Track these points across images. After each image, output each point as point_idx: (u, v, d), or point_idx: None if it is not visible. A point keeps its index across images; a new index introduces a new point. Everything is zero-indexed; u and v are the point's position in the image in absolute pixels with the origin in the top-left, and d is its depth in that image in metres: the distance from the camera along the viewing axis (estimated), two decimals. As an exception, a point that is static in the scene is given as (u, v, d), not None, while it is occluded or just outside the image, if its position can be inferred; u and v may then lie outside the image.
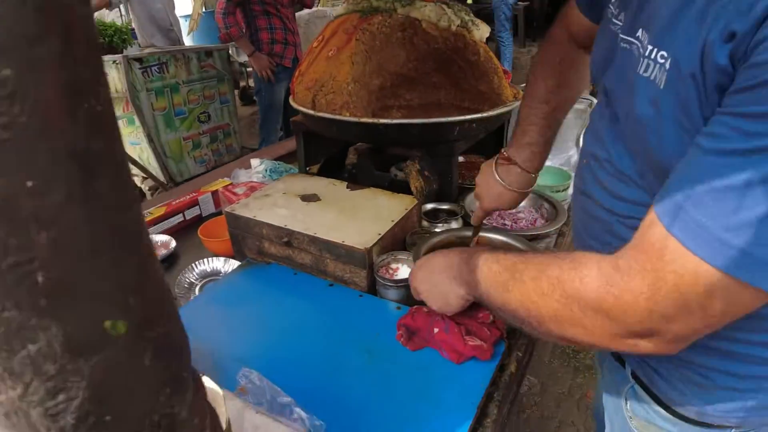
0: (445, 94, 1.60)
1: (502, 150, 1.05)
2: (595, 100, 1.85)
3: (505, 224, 1.36)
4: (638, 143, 0.62)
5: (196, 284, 1.26)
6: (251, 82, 5.87)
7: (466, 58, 1.47)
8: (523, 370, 0.97)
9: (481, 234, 1.13)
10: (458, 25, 1.45)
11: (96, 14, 4.15)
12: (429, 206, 1.33)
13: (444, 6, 1.45)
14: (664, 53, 0.54)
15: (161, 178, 3.56)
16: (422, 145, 1.36)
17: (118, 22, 4.13)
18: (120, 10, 4.42)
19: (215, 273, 1.28)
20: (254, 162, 1.89)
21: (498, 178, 1.03)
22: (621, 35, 0.67)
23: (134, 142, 3.70)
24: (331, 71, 1.37)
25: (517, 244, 1.10)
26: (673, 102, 0.53)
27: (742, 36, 0.45)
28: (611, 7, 0.74)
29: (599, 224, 0.74)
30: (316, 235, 1.06)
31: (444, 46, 1.47)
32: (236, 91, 5.68)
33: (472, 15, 1.49)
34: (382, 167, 1.51)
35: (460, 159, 1.75)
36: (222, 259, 1.29)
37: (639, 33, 0.61)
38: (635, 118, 0.60)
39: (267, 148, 2.45)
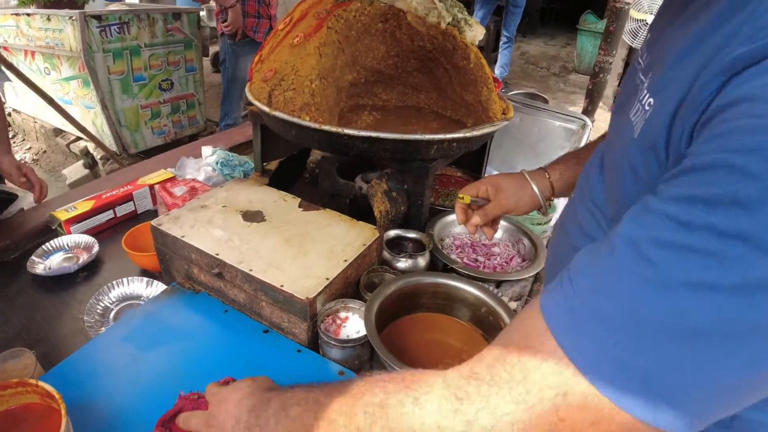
0: (426, 98, 1.41)
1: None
2: (588, 121, 1.69)
3: (477, 260, 1.19)
4: (613, 188, 0.57)
5: (112, 309, 1.05)
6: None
7: (454, 62, 1.27)
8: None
9: (436, 280, 0.97)
10: (449, 23, 1.24)
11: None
12: (392, 233, 1.14)
13: (434, -2, 1.24)
14: (652, 100, 0.49)
15: (114, 147, 3.28)
16: (392, 160, 1.16)
17: None
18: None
19: (135, 297, 1.08)
20: (205, 150, 1.67)
21: (530, 179, 0.96)
22: (639, 75, 0.60)
23: (89, 106, 3.40)
24: (293, 63, 1.15)
25: (485, 298, 0.92)
26: (638, 155, 0.48)
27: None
28: (640, 48, 0.68)
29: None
30: (251, 273, 0.86)
31: (430, 45, 1.27)
32: (208, 58, 5.36)
33: (466, 13, 1.29)
34: (347, 174, 1.32)
35: (436, 172, 1.57)
36: (144, 281, 1.09)
37: (648, 76, 0.56)
38: (613, 159, 0.56)
39: (224, 134, 2.21)
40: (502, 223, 1.28)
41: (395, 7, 1.23)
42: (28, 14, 3.36)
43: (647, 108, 0.49)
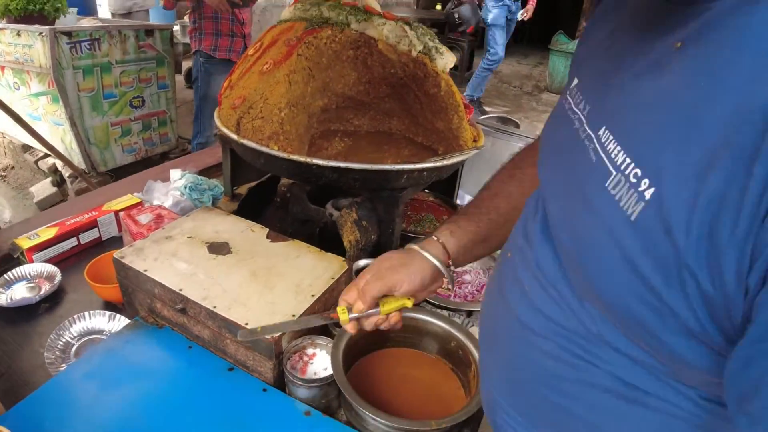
0: (398, 123, 1.41)
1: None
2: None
3: (448, 289, 1.18)
4: (585, 275, 0.45)
5: (73, 344, 1.01)
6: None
7: (425, 89, 1.27)
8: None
9: (407, 313, 0.90)
10: (420, 51, 1.25)
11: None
12: (362, 262, 1.12)
13: (406, 27, 1.24)
14: (638, 172, 0.39)
15: (83, 165, 3.20)
16: (363, 189, 1.16)
17: None
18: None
19: (97, 331, 1.04)
20: (174, 174, 1.63)
21: (417, 248, 0.78)
22: (583, 128, 0.50)
23: (58, 122, 3.32)
24: (263, 91, 1.14)
25: (454, 332, 0.92)
26: (637, 245, 0.38)
27: None
28: (568, 94, 0.58)
29: (517, 347, 0.56)
30: (215, 310, 0.84)
31: (402, 72, 1.27)
32: (180, 75, 5.31)
33: (437, 41, 1.29)
34: (318, 199, 1.30)
35: (409, 196, 1.56)
36: (107, 314, 1.05)
37: (601, 131, 0.46)
38: (581, 240, 0.45)
39: (194, 155, 2.18)
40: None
41: (366, 34, 1.23)
42: (-1, 29, 3.28)
43: (640, 188, 0.39)
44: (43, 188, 3.56)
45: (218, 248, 1.01)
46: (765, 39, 0.33)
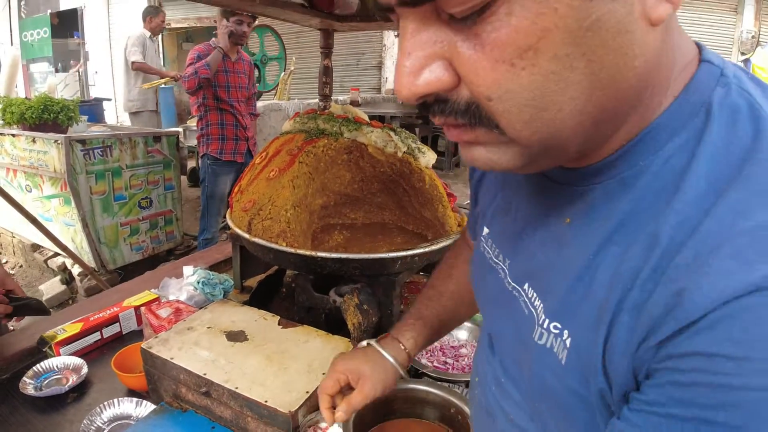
0: (390, 214, 1.57)
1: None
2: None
3: (446, 362, 1.29)
4: (546, 409, 0.52)
5: (104, 429, 1.11)
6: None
7: (412, 183, 1.45)
8: None
9: (407, 386, 1.05)
10: (404, 152, 1.44)
11: (45, 90, 4.06)
12: (365, 343, 1.24)
13: (391, 132, 1.44)
14: (558, 325, 0.47)
15: (92, 264, 3.35)
16: (362, 276, 1.30)
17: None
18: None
19: (125, 417, 1.14)
20: (186, 270, 1.77)
21: (384, 352, 0.88)
22: (508, 279, 0.59)
23: (69, 223, 3.50)
24: (270, 194, 1.32)
25: (452, 399, 1.03)
26: (578, 380, 0.45)
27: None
28: (484, 242, 0.67)
29: None
30: (237, 390, 0.95)
31: (390, 171, 1.46)
32: (184, 176, 5.59)
33: (418, 142, 1.49)
34: (321, 287, 1.44)
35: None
36: (134, 401, 1.15)
37: (525, 286, 0.54)
38: (533, 382, 0.52)
39: (202, 252, 2.33)
40: (467, 324, 1.41)
41: (357, 141, 1.43)
42: (14, 135, 3.52)
43: (564, 337, 0.47)
44: (53, 286, 3.67)
45: (235, 336, 1.13)
46: (634, 221, 0.42)
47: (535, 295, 0.52)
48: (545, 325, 0.49)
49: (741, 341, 0.33)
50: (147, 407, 1.15)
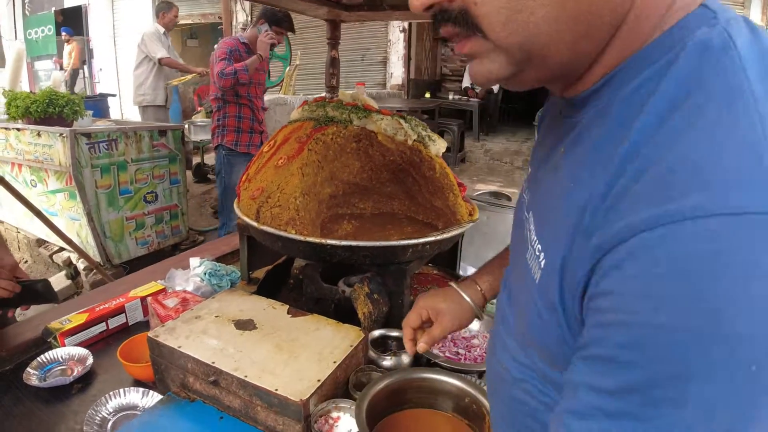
0: (399, 204, 1.55)
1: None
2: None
3: (458, 353, 1.27)
4: (525, 326, 0.57)
5: (109, 419, 1.09)
6: (207, 159, 5.79)
7: (422, 172, 1.42)
8: None
9: (421, 375, 1.04)
10: (415, 140, 1.42)
11: (51, 83, 4.04)
12: (377, 333, 1.22)
13: (401, 120, 1.42)
14: (540, 246, 0.52)
15: (98, 258, 3.33)
16: (373, 265, 1.27)
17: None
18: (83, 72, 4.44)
19: (132, 407, 1.12)
20: (193, 262, 1.76)
21: (462, 292, 0.97)
22: (525, 209, 0.65)
23: (74, 218, 3.49)
24: (279, 182, 1.29)
25: (467, 388, 1.00)
26: (540, 302, 0.50)
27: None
28: (525, 182, 0.73)
29: (505, 391, 0.66)
30: (246, 379, 0.93)
31: (400, 159, 1.43)
32: (189, 171, 5.58)
33: (429, 130, 1.46)
34: (330, 278, 1.41)
35: (413, 270, 1.68)
36: (140, 391, 1.13)
37: (529, 214, 0.60)
38: (520, 297, 0.58)
39: (208, 244, 2.31)
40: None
41: (367, 129, 1.40)
42: (18, 129, 3.50)
43: (540, 258, 0.51)
44: (58, 281, 3.66)
45: (244, 325, 1.11)
46: (601, 148, 0.45)
47: (532, 220, 0.58)
48: (532, 245, 0.54)
49: (641, 277, 0.35)
50: (154, 397, 1.13)
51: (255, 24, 3.40)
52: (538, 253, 0.52)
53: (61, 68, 9.55)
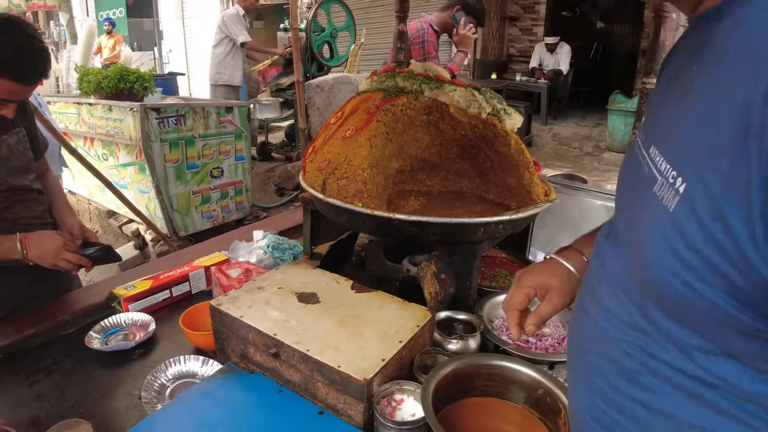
0: (468, 182, 1.46)
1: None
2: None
3: (528, 341, 1.18)
4: (638, 266, 0.53)
5: (168, 386, 1.08)
6: (271, 138, 5.86)
7: (496, 148, 1.33)
8: None
9: (492, 362, 0.97)
10: (489, 113, 1.33)
11: (121, 60, 4.19)
12: (443, 314, 1.16)
13: (475, 92, 1.33)
14: (674, 173, 0.48)
15: (165, 230, 3.44)
16: (441, 243, 1.20)
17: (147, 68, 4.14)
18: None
19: (191, 375, 1.11)
20: (256, 234, 1.75)
21: (567, 264, 0.90)
22: (639, 145, 0.61)
23: (143, 190, 3.62)
24: (346, 153, 1.24)
25: (542, 379, 0.92)
26: (677, 233, 0.45)
27: None
28: (639, 127, 0.69)
29: (596, 348, 0.60)
30: (308, 353, 0.89)
31: (472, 134, 1.34)
32: (254, 148, 5.68)
33: (504, 103, 1.37)
34: (394, 256, 1.36)
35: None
36: (200, 359, 1.12)
37: (651, 149, 0.56)
38: (638, 235, 0.52)
39: (272, 219, 2.31)
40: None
41: (438, 100, 1.32)
42: (90, 104, 3.65)
43: (676, 184, 0.47)
44: (126, 251, 3.82)
45: (307, 298, 1.07)
46: (746, 53, 0.41)
47: (657, 152, 0.53)
48: (663, 176, 0.49)
49: None
50: (213, 366, 1.11)
51: (448, 8, 3.18)
52: (672, 181, 0.47)
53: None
